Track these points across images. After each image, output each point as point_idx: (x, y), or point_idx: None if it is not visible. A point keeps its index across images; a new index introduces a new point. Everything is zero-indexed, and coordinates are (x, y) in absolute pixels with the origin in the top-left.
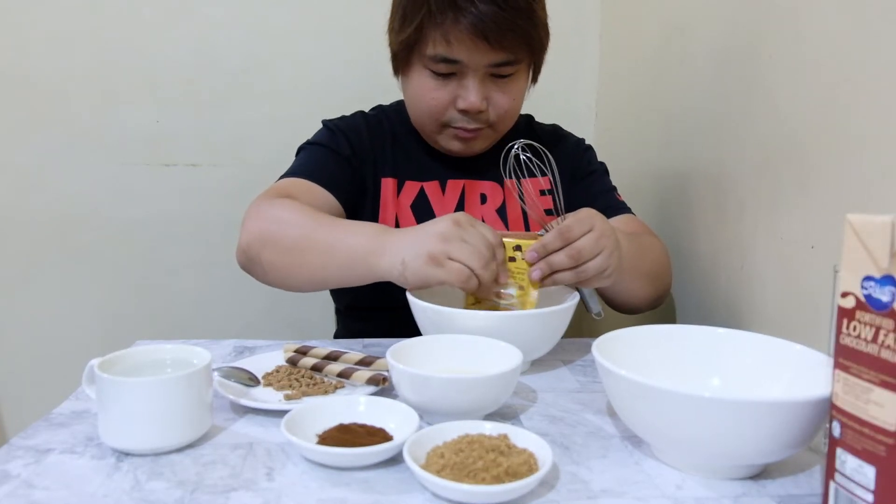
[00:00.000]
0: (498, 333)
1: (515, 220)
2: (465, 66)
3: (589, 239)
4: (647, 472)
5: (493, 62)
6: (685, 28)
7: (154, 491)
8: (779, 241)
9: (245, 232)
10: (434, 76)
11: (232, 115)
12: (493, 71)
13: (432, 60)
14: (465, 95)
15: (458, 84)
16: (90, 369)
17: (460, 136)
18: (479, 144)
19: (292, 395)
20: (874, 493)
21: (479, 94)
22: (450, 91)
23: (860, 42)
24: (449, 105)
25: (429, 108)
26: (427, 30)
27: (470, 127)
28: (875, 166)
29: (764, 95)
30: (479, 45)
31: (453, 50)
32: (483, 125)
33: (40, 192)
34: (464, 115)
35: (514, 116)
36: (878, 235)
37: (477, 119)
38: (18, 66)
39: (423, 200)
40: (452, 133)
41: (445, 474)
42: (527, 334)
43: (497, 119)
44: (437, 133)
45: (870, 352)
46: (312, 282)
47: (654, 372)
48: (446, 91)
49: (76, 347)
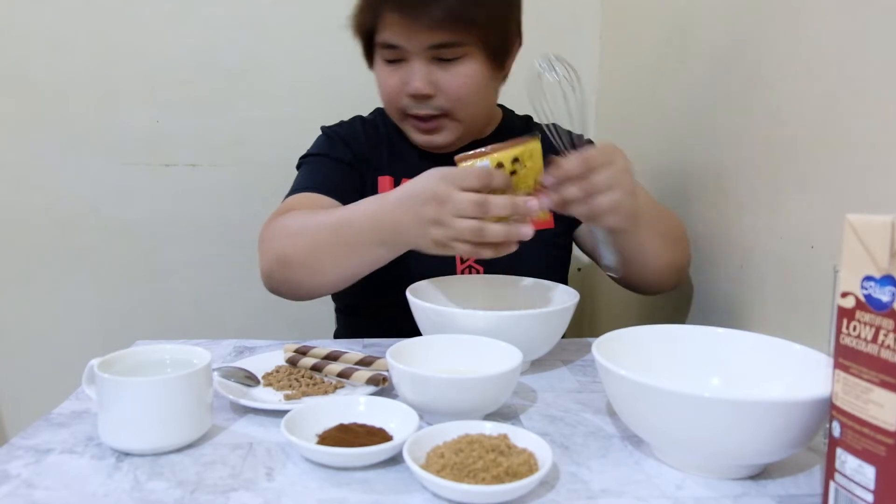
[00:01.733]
0: (498, 333)
1: None
2: (406, 51)
3: (606, 173)
4: (647, 471)
5: (430, 44)
6: (685, 28)
7: (154, 491)
8: (779, 240)
9: (263, 258)
10: (386, 63)
11: (232, 115)
12: (436, 54)
13: (382, 47)
14: (409, 80)
15: (405, 68)
16: (90, 369)
17: (418, 126)
18: (441, 137)
19: (292, 395)
20: (874, 493)
21: (422, 78)
22: (400, 76)
23: (860, 42)
24: (401, 91)
25: (386, 95)
26: (370, 17)
27: (422, 114)
28: (875, 166)
29: (764, 95)
30: (410, 26)
31: (390, 35)
32: (437, 112)
33: (40, 192)
34: (414, 101)
35: (472, 104)
36: (878, 235)
37: (428, 105)
38: (18, 66)
39: None
40: (412, 123)
41: (445, 474)
42: (527, 334)
43: (450, 105)
44: (401, 123)
45: (870, 352)
46: (344, 277)
47: (654, 372)
48: (397, 77)
49: (76, 347)
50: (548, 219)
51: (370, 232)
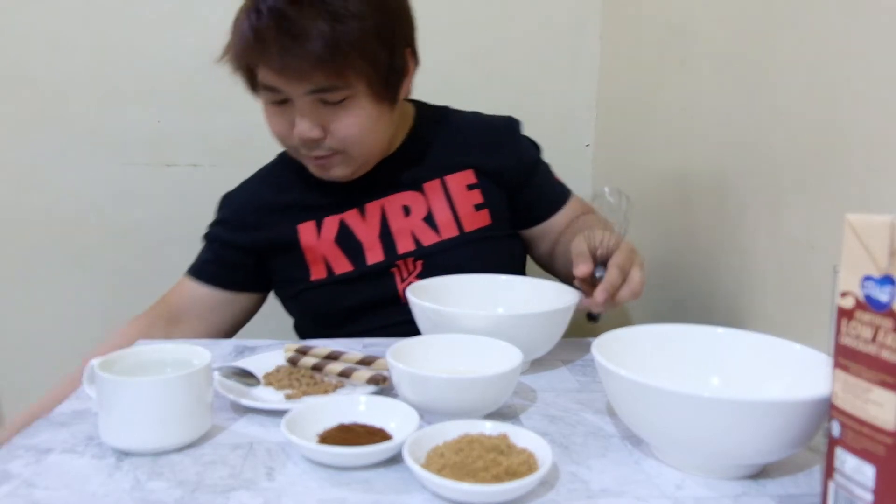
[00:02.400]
0: (498, 333)
1: (446, 223)
2: (289, 95)
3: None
4: (647, 471)
5: (309, 90)
6: (686, 28)
7: (154, 491)
8: (779, 241)
9: None
10: (271, 104)
11: (233, 115)
12: (318, 97)
13: (262, 88)
14: (297, 125)
15: (292, 111)
16: (90, 369)
17: (316, 164)
18: (339, 171)
19: (293, 394)
20: (873, 492)
21: (308, 123)
22: (287, 118)
23: (861, 42)
24: (289, 133)
25: (277, 136)
26: (244, 61)
27: (313, 154)
28: (875, 166)
29: (764, 96)
30: (286, 74)
31: (269, 80)
32: (327, 153)
33: (40, 192)
34: (304, 144)
35: (367, 142)
36: (877, 235)
37: (318, 146)
38: (18, 66)
39: (346, 231)
40: (307, 161)
41: (445, 474)
42: (527, 334)
43: (340, 145)
44: (297, 158)
45: (869, 351)
46: None
47: (654, 372)
48: (284, 118)
49: (76, 347)
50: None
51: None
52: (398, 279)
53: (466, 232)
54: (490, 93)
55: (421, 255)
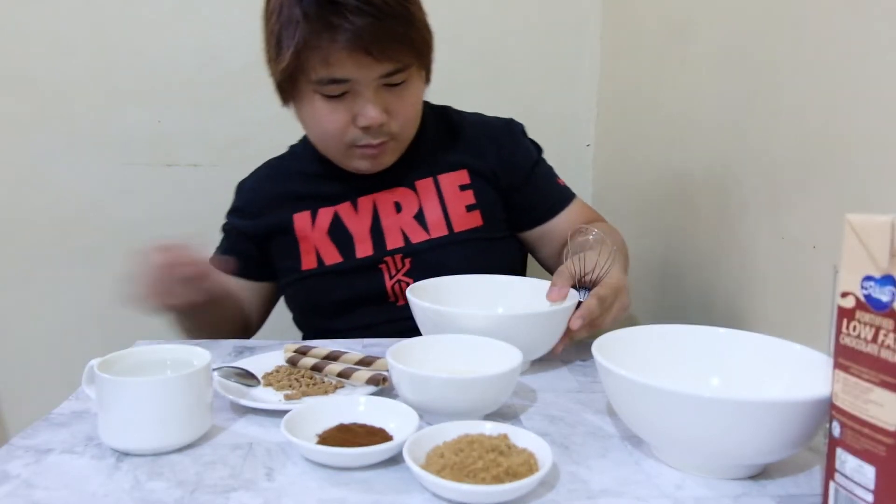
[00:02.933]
0: (498, 333)
1: (436, 222)
2: (356, 83)
3: (608, 317)
4: (647, 471)
5: (382, 73)
6: (686, 28)
7: (154, 491)
8: (780, 241)
9: None
10: (326, 99)
11: (233, 114)
12: (385, 81)
13: (320, 84)
14: (363, 112)
15: (353, 101)
16: (90, 369)
17: (368, 155)
18: (386, 159)
19: (292, 395)
20: (874, 492)
21: (378, 108)
22: (346, 110)
23: (862, 42)
24: (348, 125)
25: (329, 132)
26: (306, 54)
27: (375, 142)
28: (876, 166)
29: (765, 96)
30: (363, 61)
31: (338, 70)
32: (387, 138)
33: (41, 192)
34: (366, 132)
35: (415, 123)
36: (877, 235)
37: (380, 133)
38: (19, 66)
39: (338, 223)
40: (359, 153)
41: (445, 474)
42: (527, 334)
43: (400, 129)
44: (343, 156)
45: (870, 352)
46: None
47: (654, 372)
48: (343, 112)
49: (76, 347)
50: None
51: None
52: (387, 276)
53: (456, 232)
54: (490, 93)
55: (409, 252)
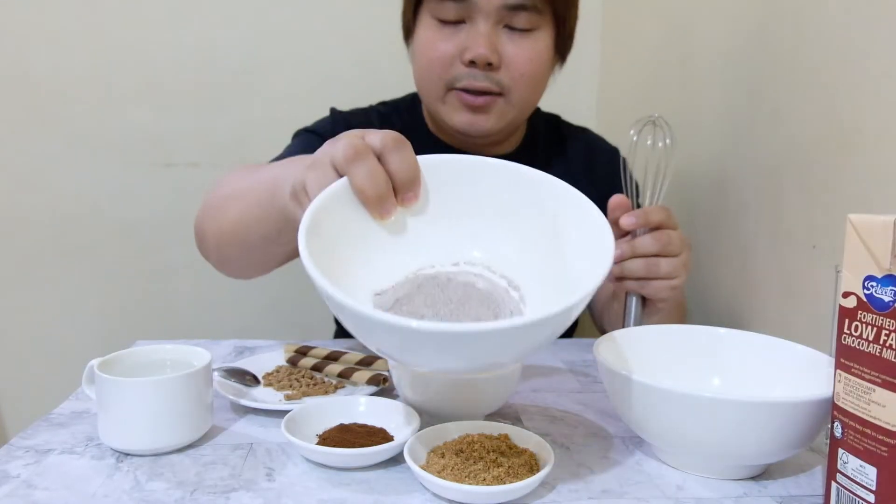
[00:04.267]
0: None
1: None
2: (475, 8)
3: (674, 263)
4: (648, 472)
5: (507, 3)
6: (686, 28)
7: (154, 491)
8: (780, 240)
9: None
10: (440, 26)
11: (232, 114)
12: (508, 18)
13: (438, 1)
14: (472, 45)
15: (467, 34)
16: (90, 369)
17: (466, 102)
18: (489, 120)
19: (292, 395)
20: (875, 493)
21: (489, 42)
22: (457, 42)
23: (862, 42)
24: (454, 58)
25: (432, 62)
26: None
27: (477, 84)
28: (876, 166)
29: (765, 96)
30: None
31: None
32: (494, 87)
33: (40, 192)
34: (471, 70)
35: (532, 86)
36: (879, 235)
37: (487, 77)
38: (18, 66)
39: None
40: (457, 99)
41: (446, 475)
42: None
43: (511, 83)
44: (441, 101)
45: (871, 352)
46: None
47: (654, 372)
48: (453, 42)
49: (76, 347)
50: None
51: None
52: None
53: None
54: None
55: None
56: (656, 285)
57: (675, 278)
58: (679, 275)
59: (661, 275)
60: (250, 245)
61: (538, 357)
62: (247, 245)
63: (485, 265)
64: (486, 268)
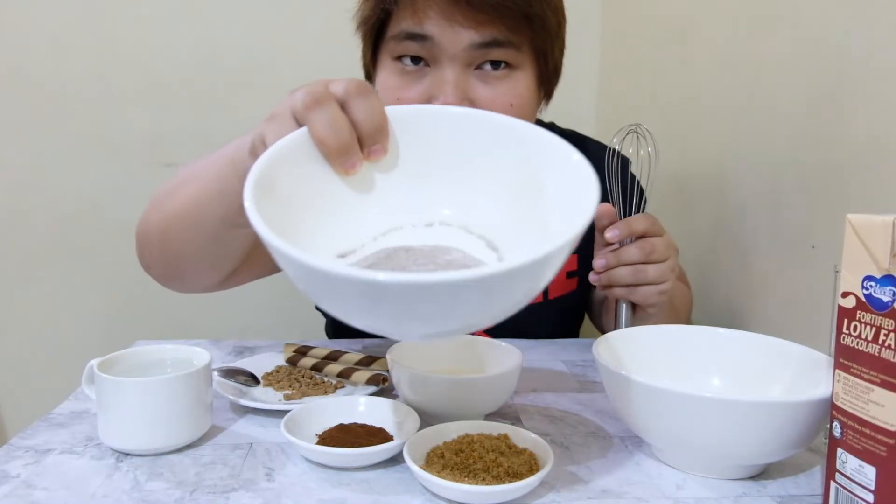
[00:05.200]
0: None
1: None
2: (439, 50)
3: (661, 269)
4: (648, 472)
5: (476, 41)
6: (686, 29)
7: (154, 491)
8: (779, 241)
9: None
10: (402, 71)
11: (232, 114)
12: (479, 58)
13: (397, 41)
14: (438, 93)
15: (433, 79)
16: (90, 369)
17: None
18: None
19: (292, 395)
20: (875, 493)
21: (457, 89)
22: (422, 89)
23: (861, 42)
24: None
25: None
26: (392, 5)
27: None
28: (876, 166)
29: (764, 95)
30: (454, 15)
31: (422, 23)
32: None
33: (40, 192)
34: None
35: None
36: (878, 235)
37: None
38: (18, 66)
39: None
40: None
41: (445, 475)
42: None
43: None
44: None
45: (870, 352)
46: (188, 221)
47: (654, 372)
48: (417, 89)
49: (76, 347)
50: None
51: (229, 160)
52: None
53: (550, 300)
54: None
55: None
56: (644, 291)
57: (663, 283)
58: (667, 279)
59: (649, 280)
60: (206, 232)
61: (538, 357)
62: (201, 231)
63: (460, 225)
64: (463, 227)
